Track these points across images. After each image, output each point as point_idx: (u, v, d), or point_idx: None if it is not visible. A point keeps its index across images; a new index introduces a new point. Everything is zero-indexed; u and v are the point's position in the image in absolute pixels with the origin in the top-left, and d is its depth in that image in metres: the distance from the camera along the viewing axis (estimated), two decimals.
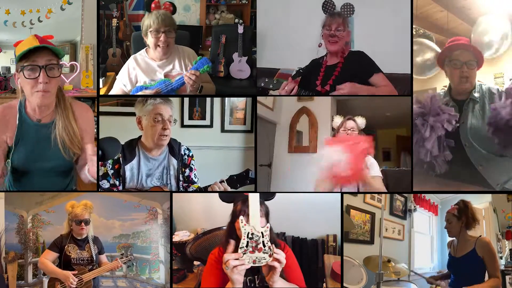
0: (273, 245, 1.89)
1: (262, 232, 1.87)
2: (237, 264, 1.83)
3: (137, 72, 2.62)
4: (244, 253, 1.85)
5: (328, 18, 2.54)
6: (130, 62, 2.65)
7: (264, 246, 1.85)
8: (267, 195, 2.15)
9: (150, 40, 2.58)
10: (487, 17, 2.62)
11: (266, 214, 2.08)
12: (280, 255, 1.87)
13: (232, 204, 2.09)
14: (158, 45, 2.56)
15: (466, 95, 2.56)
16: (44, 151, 2.20)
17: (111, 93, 2.68)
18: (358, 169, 2.40)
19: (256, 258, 1.84)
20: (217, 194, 2.41)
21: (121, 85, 2.63)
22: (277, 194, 2.17)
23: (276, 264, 1.86)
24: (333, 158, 2.41)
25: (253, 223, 1.88)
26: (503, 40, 2.60)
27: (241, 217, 1.90)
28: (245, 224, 1.88)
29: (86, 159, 2.17)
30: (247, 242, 1.86)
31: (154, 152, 2.49)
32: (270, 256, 1.85)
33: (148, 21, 2.54)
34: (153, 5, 2.56)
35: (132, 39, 3.02)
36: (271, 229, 2.08)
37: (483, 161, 2.50)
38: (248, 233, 1.87)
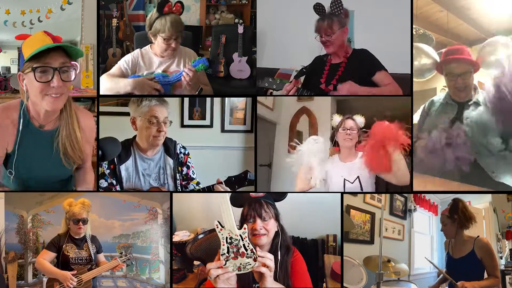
0: (257, 248, 1.76)
1: (240, 235, 1.74)
2: (220, 273, 1.70)
3: (139, 61, 2.66)
4: (227, 260, 1.71)
5: (316, 24, 2.49)
6: (137, 51, 2.70)
7: (246, 250, 1.72)
8: (278, 195, 2.11)
9: (159, 43, 2.62)
10: (494, 39, 2.65)
11: (276, 216, 2.04)
12: (267, 258, 1.74)
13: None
14: (167, 49, 2.62)
15: (465, 99, 2.59)
16: (44, 159, 2.10)
17: (109, 71, 2.68)
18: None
19: (241, 264, 1.71)
20: (217, 194, 2.41)
21: (122, 66, 2.65)
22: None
23: (263, 269, 1.72)
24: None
25: (229, 227, 1.74)
26: (509, 59, 2.61)
27: (215, 222, 1.77)
28: (221, 229, 1.75)
29: (86, 171, 2.21)
30: (227, 247, 1.72)
31: (149, 153, 2.49)
32: (255, 260, 1.72)
33: (160, 26, 2.57)
34: (166, 9, 2.56)
35: (135, 39, 3.02)
36: (284, 232, 2.05)
37: (482, 148, 2.51)
38: (226, 238, 1.73)
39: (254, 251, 1.73)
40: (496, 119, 2.45)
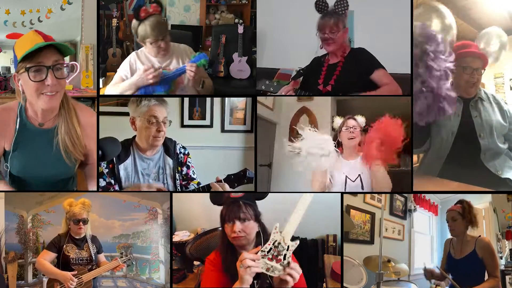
0: (295, 263, 1.81)
1: (288, 246, 1.80)
2: (252, 265, 1.75)
3: (137, 64, 2.65)
4: (263, 258, 1.78)
5: (320, 21, 2.49)
6: (132, 55, 2.69)
7: (284, 259, 1.79)
8: (258, 195, 2.12)
9: (150, 48, 2.61)
10: (487, 30, 2.67)
11: (256, 217, 2.04)
12: (296, 270, 1.79)
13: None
14: (159, 52, 2.62)
15: (472, 95, 2.61)
16: (45, 158, 2.12)
17: (111, 82, 2.69)
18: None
19: (272, 267, 1.78)
20: (216, 194, 2.41)
21: (122, 74, 2.65)
22: (276, 194, 2.16)
23: (288, 278, 1.78)
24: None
25: (285, 233, 1.80)
26: (501, 50, 2.66)
27: (276, 224, 1.81)
28: (277, 232, 1.81)
29: (94, 167, 2.18)
30: (271, 248, 1.79)
31: (148, 153, 2.49)
32: (284, 270, 1.78)
33: (143, 32, 2.55)
34: (142, 14, 2.52)
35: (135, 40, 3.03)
36: (266, 231, 2.04)
37: (486, 150, 2.55)
38: (276, 240, 1.80)
39: (290, 263, 1.78)
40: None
